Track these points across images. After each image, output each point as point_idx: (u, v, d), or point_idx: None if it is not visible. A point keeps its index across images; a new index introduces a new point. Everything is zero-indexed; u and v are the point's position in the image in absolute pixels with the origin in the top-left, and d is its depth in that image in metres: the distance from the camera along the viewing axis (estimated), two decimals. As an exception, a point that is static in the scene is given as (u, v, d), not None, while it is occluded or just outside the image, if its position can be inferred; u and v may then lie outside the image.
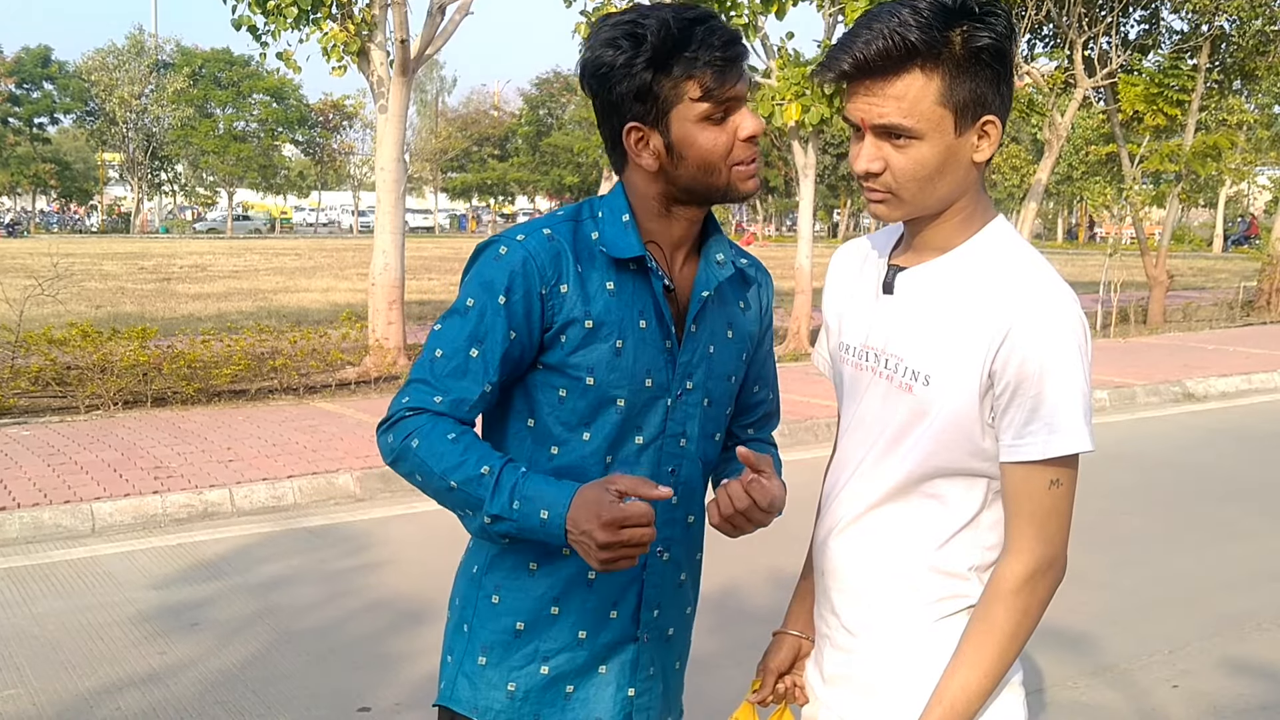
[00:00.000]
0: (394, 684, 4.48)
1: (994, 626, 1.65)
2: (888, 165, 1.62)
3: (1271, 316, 19.33)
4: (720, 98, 1.73)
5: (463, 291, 1.79)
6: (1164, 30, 19.05)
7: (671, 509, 1.87)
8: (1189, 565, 6.04)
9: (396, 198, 11.56)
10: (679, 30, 1.71)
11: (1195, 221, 66.41)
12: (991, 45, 1.57)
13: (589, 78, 1.78)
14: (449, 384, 1.74)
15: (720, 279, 1.88)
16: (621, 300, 1.80)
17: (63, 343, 10.12)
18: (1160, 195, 20.88)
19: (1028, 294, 1.60)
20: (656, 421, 1.84)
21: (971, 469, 1.68)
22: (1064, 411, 1.58)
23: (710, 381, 1.90)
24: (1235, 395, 11.74)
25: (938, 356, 1.65)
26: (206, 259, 33.91)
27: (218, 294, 21.38)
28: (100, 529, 6.52)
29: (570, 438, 1.81)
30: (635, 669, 1.91)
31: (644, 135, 1.76)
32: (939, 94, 1.57)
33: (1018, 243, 1.69)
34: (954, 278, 1.68)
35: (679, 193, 1.80)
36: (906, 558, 1.73)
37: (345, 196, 77.86)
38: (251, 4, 11.30)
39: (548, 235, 1.79)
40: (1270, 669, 4.67)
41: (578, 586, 1.84)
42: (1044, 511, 1.63)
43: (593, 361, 1.78)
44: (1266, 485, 7.92)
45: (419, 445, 1.69)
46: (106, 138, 58.18)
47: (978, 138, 1.62)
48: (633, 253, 1.79)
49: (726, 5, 13.28)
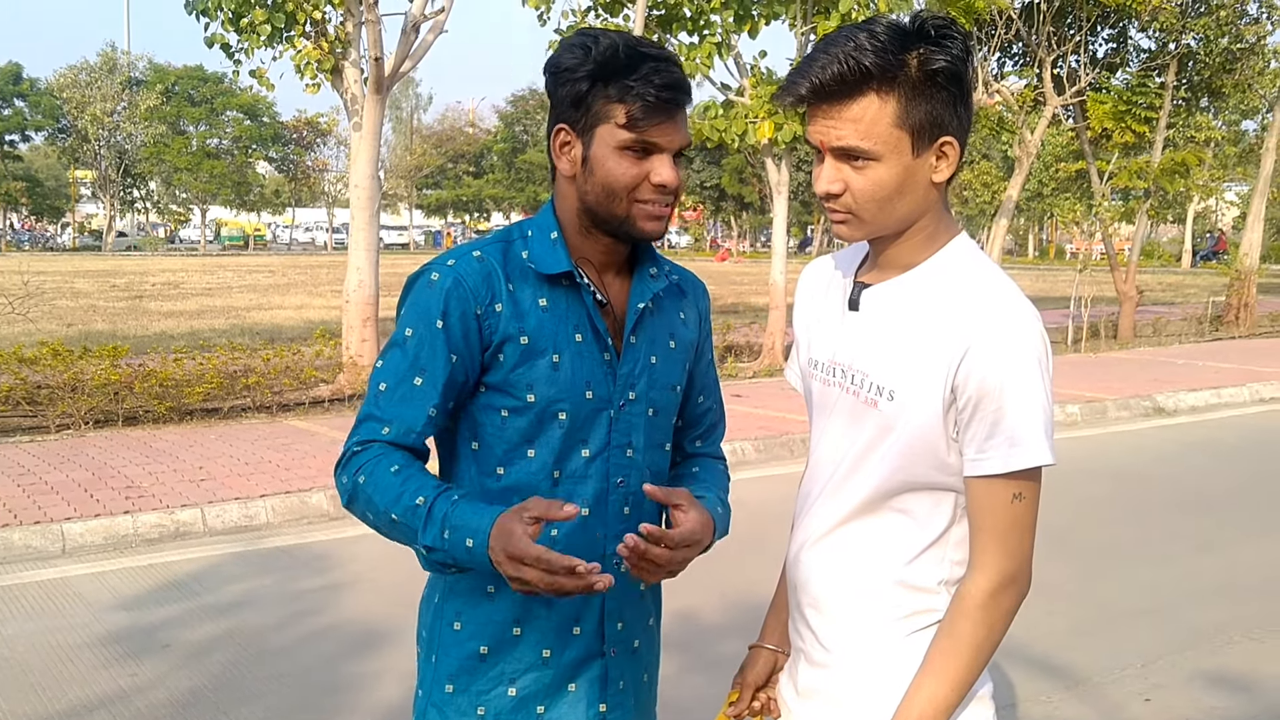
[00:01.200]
0: (366, 704, 4.46)
1: (960, 641, 1.67)
2: (847, 186, 1.65)
3: (1240, 331, 19.51)
4: (642, 132, 1.75)
5: (400, 324, 1.82)
6: (1132, 49, 19.26)
7: (625, 520, 1.88)
8: (1160, 578, 6.08)
9: (371, 214, 11.54)
10: (626, 56, 1.75)
11: (1164, 237, 67.04)
12: (947, 68, 1.60)
13: (546, 76, 1.83)
14: (394, 413, 1.77)
15: (655, 290, 1.92)
16: (555, 315, 1.82)
17: (33, 361, 10.04)
18: (1129, 211, 21.04)
19: (988, 311, 1.64)
20: (601, 434, 1.85)
21: (938, 483, 1.70)
22: (1024, 426, 1.60)
23: (654, 392, 1.92)
24: (1205, 409, 11.84)
25: (901, 372, 1.68)
26: (179, 276, 33.69)
27: (190, 312, 21.25)
28: (71, 549, 6.46)
29: (515, 456, 1.83)
30: (605, 685, 1.91)
31: (569, 141, 1.81)
32: (895, 116, 1.60)
33: (979, 260, 1.72)
34: (917, 295, 1.70)
35: (588, 211, 1.83)
36: (876, 573, 1.75)
37: (320, 213, 77.57)
38: (225, 22, 11.27)
39: (478, 257, 1.82)
40: (1242, 682, 4.70)
41: (538, 605, 1.84)
42: (1006, 525, 1.65)
43: (532, 378, 1.80)
44: (1236, 498, 7.99)
45: (365, 481, 1.73)
46: (78, 155, 57.75)
47: (936, 158, 1.65)
48: (561, 268, 1.82)
49: (700, 24, 13.37)
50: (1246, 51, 18.73)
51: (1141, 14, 17.42)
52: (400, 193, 69.66)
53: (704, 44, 13.27)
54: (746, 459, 8.72)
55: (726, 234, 72.57)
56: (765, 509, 7.29)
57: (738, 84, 13.93)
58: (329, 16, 11.27)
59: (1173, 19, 17.65)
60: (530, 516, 1.60)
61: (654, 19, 13.39)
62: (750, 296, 27.31)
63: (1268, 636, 5.21)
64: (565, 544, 1.80)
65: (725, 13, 13.10)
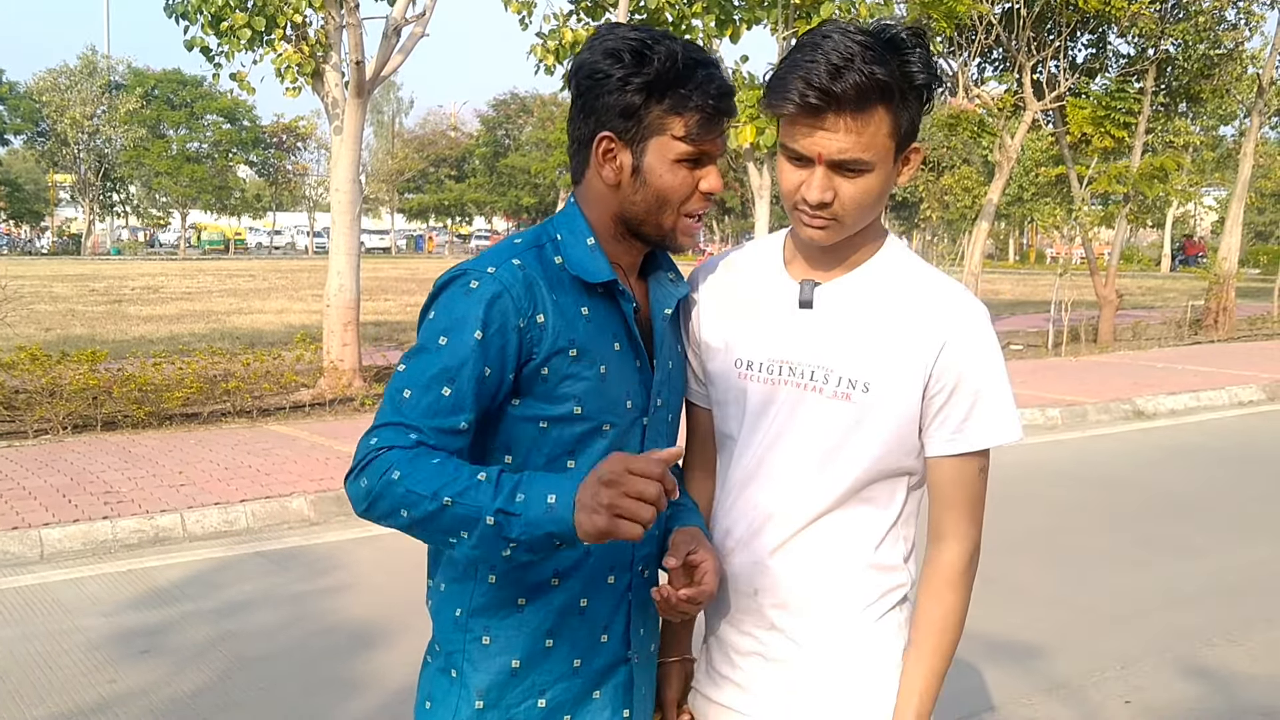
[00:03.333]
0: (349, 709, 4.44)
1: (950, 610, 1.79)
2: (836, 195, 1.67)
3: (1219, 335, 19.64)
4: (700, 144, 1.75)
5: (429, 328, 1.71)
6: (1111, 54, 19.39)
7: None
8: (1140, 581, 6.11)
9: (352, 219, 11.51)
10: (685, 65, 1.72)
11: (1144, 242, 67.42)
12: (925, 82, 1.65)
13: (581, 79, 1.76)
14: (423, 421, 1.64)
15: (679, 296, 1.90)
16: (597, 326, 1.78)
17: (10, 366, 9.98)
18: (1109, 216, 21.16)
19: (957, 304, 1.75)
20: (635, 443, 1.84)
21: (904, 468, 1.80)
22: (1002, 405, 1.75)
23: (672, 398, 1.92)
24: (1184, 413, 11.92)
25: (876, 365, 1.73)
26: (159, 280, 33.52)
27: (170, 316, 21.13)
28: (49, 555, 6.42)
29: (554, 468, 1.78)
30: (629, 690, 1.90)
31: (614, 150, 1.76)
32: (891, 128, 1.64)
33: (914, 256, 1.84)
34: (877, 290, 1.78)
35: (629, 220, 1.80)
36: (851, 562, 1.81)
37: (300, 217, 77.33)
38: (204, 25, 11.23)
39: (518, 265, 1.74)
40: (1221, 684, 4.73)
41: (570, 615, 1.82)
42: (975, 498, 1.79)
43: (580, 390, 1.75)
44: (1215, 501, 8.04)
45: (401, 475, 1.57)
46: (58, 159, 57.42)
47: (903, 164, 1.72)
48: (604, 277, 1.77)
49: (682, 29, 13.38)
50: (1224, 57, 18.88)
51: (1121, 20, 17.53)
52: (382, 197, 69.51)
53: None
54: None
55: (709, 238, 72.60)
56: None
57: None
58: (309, 20, 11.25)
59: (1151, 25, 17.78)
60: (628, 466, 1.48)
61: (635, 23, 13.40)
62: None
63: (1246, 638, 5.24)
64: (600, 551, 1.81)
65: (707, 17, 13.14)
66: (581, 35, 13.47)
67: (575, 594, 1.81)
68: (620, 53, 1.72)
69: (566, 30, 13.48)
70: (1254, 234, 48.72)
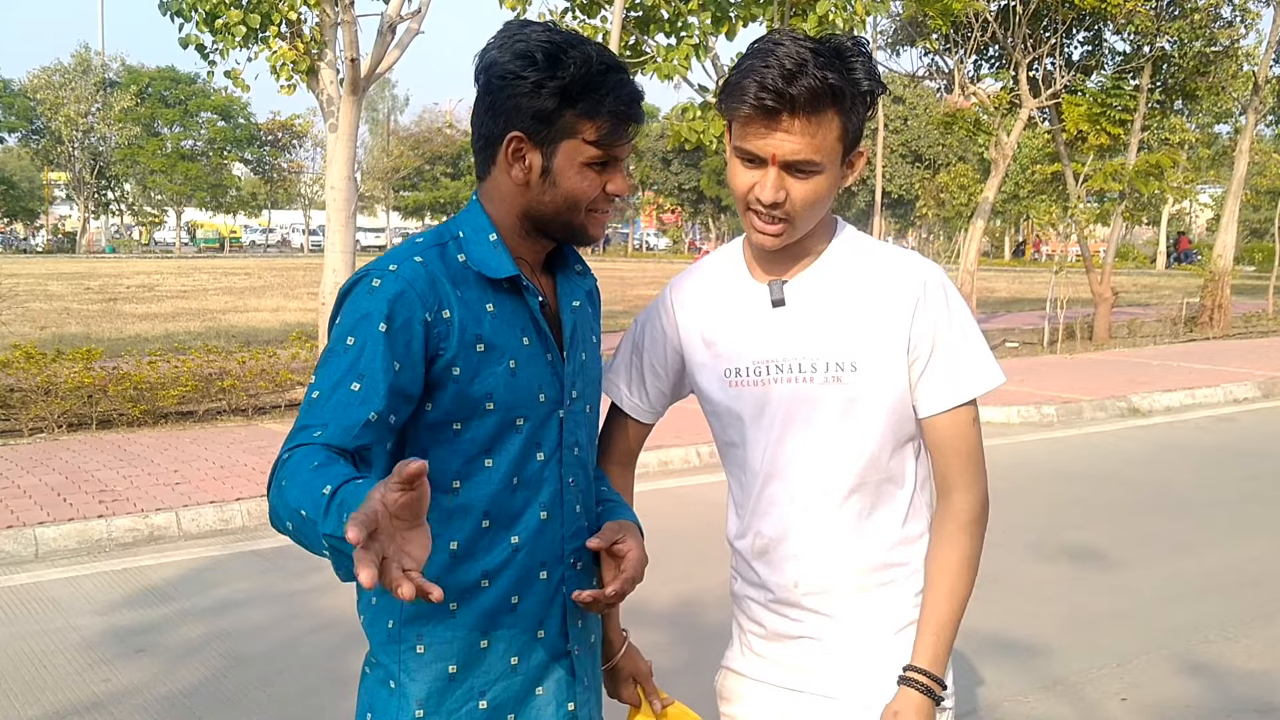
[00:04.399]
0: (344, 707, 4.43)
1: (966, 553, 1.84)
2: (788, 195, 1.74)
3: (1214, 332, 19.66)
4: (611, 149, 1.76)
5: (337, 332, 1.70)
6: (1107, 51, 19.42)
7: (578, 517, 1.89)
8: (1136, 579, 6.12)
9: (347, 216, 11.49)
10: (598, 71, 1.73)
11: (1140, 239, 67.48)
12: (870, 89, 1.73)
13: (492, 78, 1.75)
14: (329, 417, 1.60)
15: (586, 288, 1.94)
16: (503, 321, 1.78)
17: (5, 364, 9.95)
18: (1104, 213, 21.16)
19: (918, 273, 1.82)
20: (553, 436, 1.84)
21: (906, 434, 1.86)
22: (979, 354, 1.83)
23: (588, 388, 1.93)
24: (1180, 410, 11.93)
25: (858, 344, 1.80)
26: (154, 279, 33.48)
27: (165, 314, 21.11)
28: (44, 554, 6.41)
29: (473, 468, 1.78)
30: (572, 684, 1.91)
31: (524, 150, 1.76)
32: (841, 131, 1.72)
33: (867, 237, 1.92)
34: (842, 275, 1.85)
35: (537, 218, 1.81)
36: (883, 538, 1.87)
37: (296, 215, 77.26)
38: (199, 22, 11.20)
39: (420, 262, 1.74)
40: (1217, 681, 4.73)
41: (503, 615, 1.82)
42: (973, 448, 1.85)
43: (491, 386, 1.75)
44: (1210, 499, 8.04)
45: (286, 484, 1.50)
46: (52, 157, 57.31)
47: (848, 168, 1.79)
48: (506, 272, 1.78)
49: (678, 26, 13.37)
50: (1220, 55, 18.89)
51: (1116, 17, 17.54)
52: (377, 195, 69.45)
53: (682, 46, 13.28)
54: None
55: (705, 236, 72.59)
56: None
57: (715, 86, 13.94)
58: (304, 17, 11.23)
59: (1147, 22, 17.78)
60: (395, 482, 1.27)
61: (631, 20, 13.39)
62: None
63: (1242, 635, 5.24)
64: (529, 548, 1.82)
65: (703, 15, 13.12)
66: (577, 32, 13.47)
67: (506, 593, 1.81)
68: (533, 55, 1.72)
69: (562, 27, 13.45)
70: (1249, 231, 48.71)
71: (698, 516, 7.06)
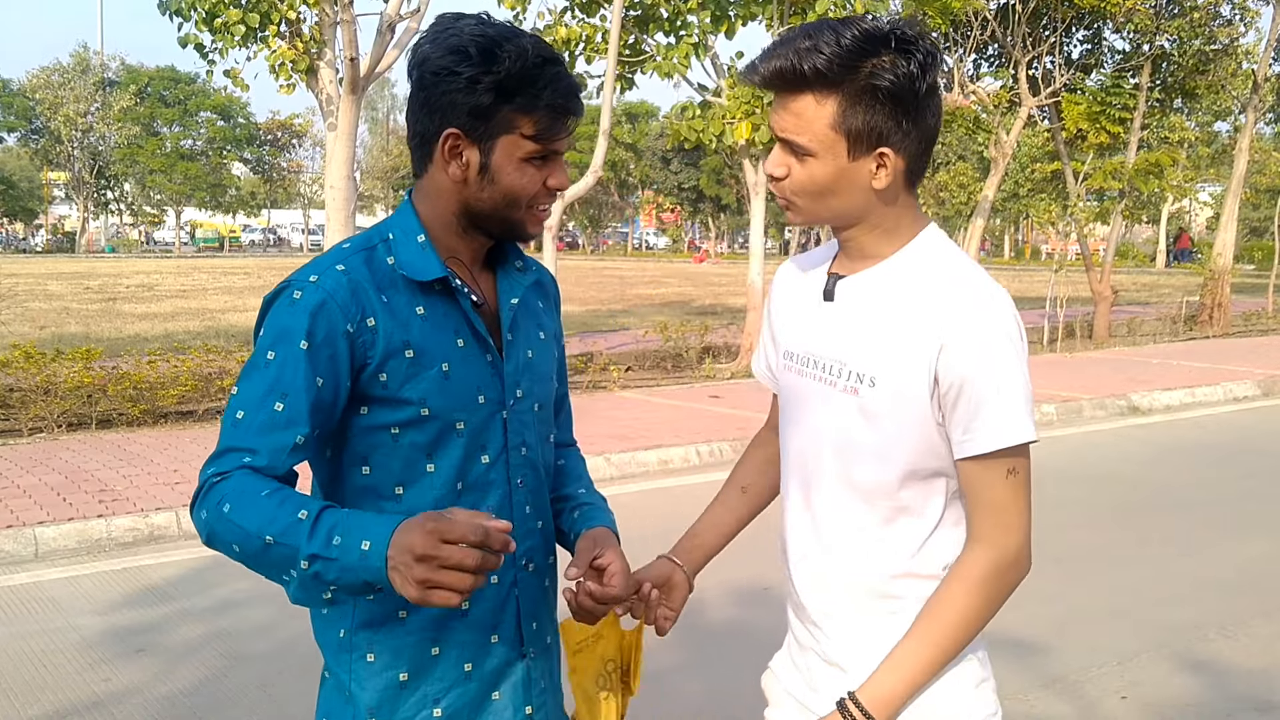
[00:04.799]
0: (345, 707, 4.43)
1: (952, 608, 1.70)
2: (789, 173, 1.71)
3: (1214, 331, 19.66)
4: (548, 143, 1.73)
5: (258, 347, 1.68)
6: (1106, 50, 19.41)
7: (526, 519, 1.87)
8: (1137, 577, 6.12)
9: (346, 216, 11.49)
10: (533, 65, 1.69)
11: (1139, 238, 67.46)
12: (890, 86, 1.62)
13: (425, 74, 1.72)
14: (256, 442, 1.62)
15: (526, 284, 1.90)
16: (434, 323, 1.75)
17: (5, 364, 9.95)
18: (1104, 212, 21.17)
19: (962, 299, 1.67)
20: (497, 437, 1.82)
21: (930, 469, 1.72)
22: (1007, 405, 1.64)
23: (536, 386, 1.89)
24: (1179, 409, 11.92)
25: (880, 359, 1.70)
26: (154, 278, 33.47)
27: (165, 314, 21.11)
28: (44, 554, 6.40)
29: (415, 474, 1.76)
30: (528, 686, 1.88)
31: (461, 147, 1.73)
32: (833, 119, 1.65)
33: (949, 249, 1.76)
34: (891, 284, 1.73)
35: (475, 215, 1.78)
36: (887, 568, 1.76)
37: (295, 215, 77.27)
38: (198, 22, 11.21)
39: (342, 270, 1.71)
40: (1217, 679, 4.73)
41: (453, 620, 1.79)
42: (999, 502, 1.69)
43: (423, 391, 1.72)
44: (1210, 497, 8.04)
45: (231, 509, 1.55)
46: (51, 156, 57.33)
47: (876, 166, 1.67)
48: (433, 274, 1.74)
49: (677, 25, 13.37)
50: (1219, 53, 18.89)
51: (1116, 16, 17.53)
52: (376, 194, 69.48)
53: (681, 44, 13.28)
54: (725, 459, 8.72)
55: (704, 235, 72.59)
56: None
57: (715, 85, 13.95)
58: (303, 16, 11.23)
59: (1147, 20, 17.78)
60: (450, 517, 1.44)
61: (631, 19, 13.38)
62: (728, 298, 27.33)
63: (1241, 633, 5.24)
64: None
65: (702, 13, 13.12)
66: (576, 32, 13.46)
67: None
68: (466, 50, 1.68)
69: (561, 26, 13.46)
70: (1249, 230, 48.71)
71: (696, 515, 7.03)
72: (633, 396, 11.68)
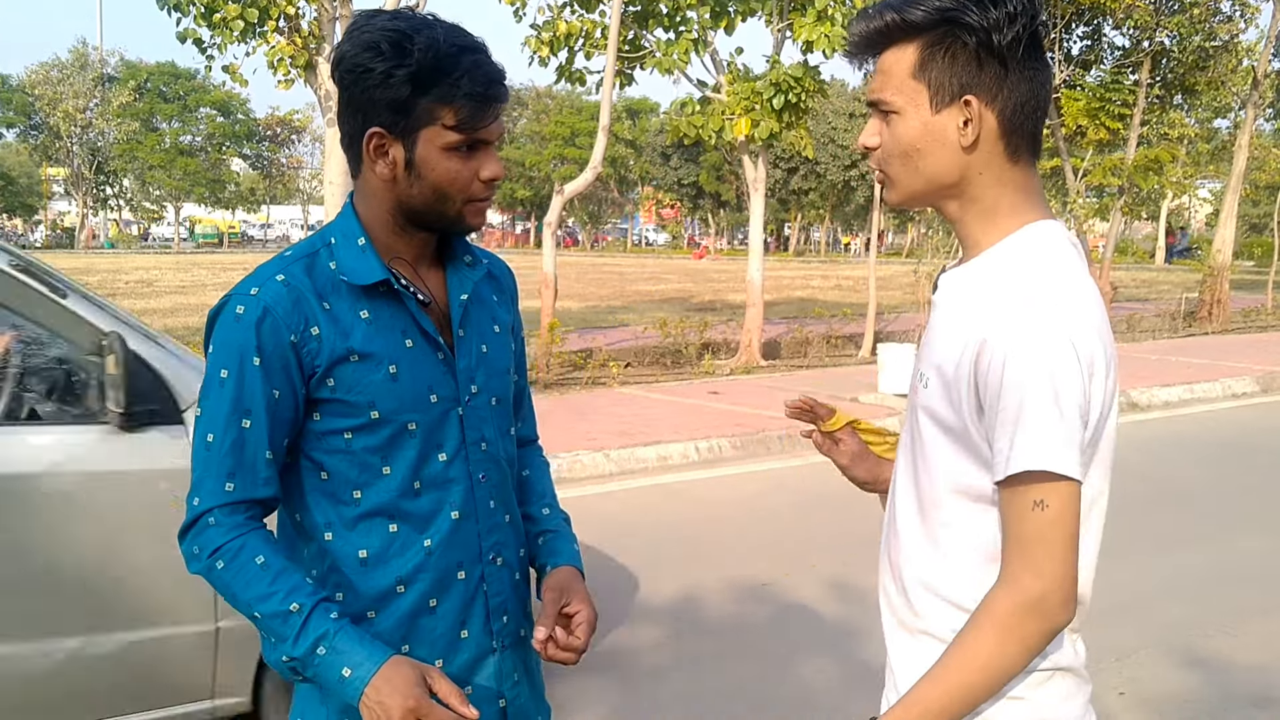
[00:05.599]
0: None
1: (978, 652, 1.52)
2: (881, 141, 1.64)
3: (1213, 327, 19.67)
4: (472, 132, 1.71)
5: (211, 364, 1.70)
6: (1106, 46, 19.41)
7: (491, 514, 1.86)
8: (1135, 573, 6.12)
9: (346, 212, 11.49)
10: (447, 54, 1.67)
11: (1139, 234, 67.46)
12: (973, 28, 1.52)
13: (344, 73, 1.72)
14: (232, 465, 1.68)
15: (475, 279, 1.88)
16: (380, 325, 1.75)
17: (4, 360, 9.93)
18: (1104, 208, 21.17)
19: (1010, 295, 1.52)
20: (454, 434, 1.81)
21: (978, 488, 1.58)
22: (1033, 425, 1.46)
23: (492, 380, 1.88)
24: (1178, 405, 11.92)
25: (936, 360, 1.59)
26: (153, 274, 33.45)
27: (164, 309, 21.09)
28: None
29: (371, 476, 1.76)
30: (500, 679, 1.89)
31: (385, 144, 1.72)
32: (913, 66, 1.56)
33: (1042, 248, 1.58)
34: (976, 281, 1.60)
35: (410, 212, 1.77)
36: (918, 579, 1.66)
37: (295, 210, 77.29)
38: (197, 17, 11.21)
39: (282, 281, 1.71)
40: (1215, 675, 4.73)
41: (422, 618, 1.80)
42: (1029, 537, 1.49)
43: (371, 395, 1.73)
44: (1208, 493, 8.04)
45: (224, 568, 1.66)
46: (51, 152, 57.35)
47: (963, 122, 1.56)
48: (375, 277, 1.74)
49: (677, 21, 13.36)
50: (1219, 49, 18.90)
51: (1116, 12, 17.53)
52: (376, 190, 69.45)
53: (681, 40, 13.27)
54: (724, 455, 8.71)
55: (704, 231, 72.66)
56: (749, 504, 7.29)
57: (714, 81, 13.93)
58: (302, 11, 11.23)
59: (1146, 17, 17.78)
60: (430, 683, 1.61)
61: (630, 15, 13.38)
62: (727, 294, 27.33)
63: (1240, 630, 5.24)
64: (442, 550, 1.80)
65: (702, 9, 13.12)
66: (575, 27, 13.45)
67: (424, 596, 1.79)
68: (378, 44, 1.68)
69: (561, 22, 13.46)
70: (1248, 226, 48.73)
71: (695, 512, 7.06)
72: (632, 393, 11.64)
